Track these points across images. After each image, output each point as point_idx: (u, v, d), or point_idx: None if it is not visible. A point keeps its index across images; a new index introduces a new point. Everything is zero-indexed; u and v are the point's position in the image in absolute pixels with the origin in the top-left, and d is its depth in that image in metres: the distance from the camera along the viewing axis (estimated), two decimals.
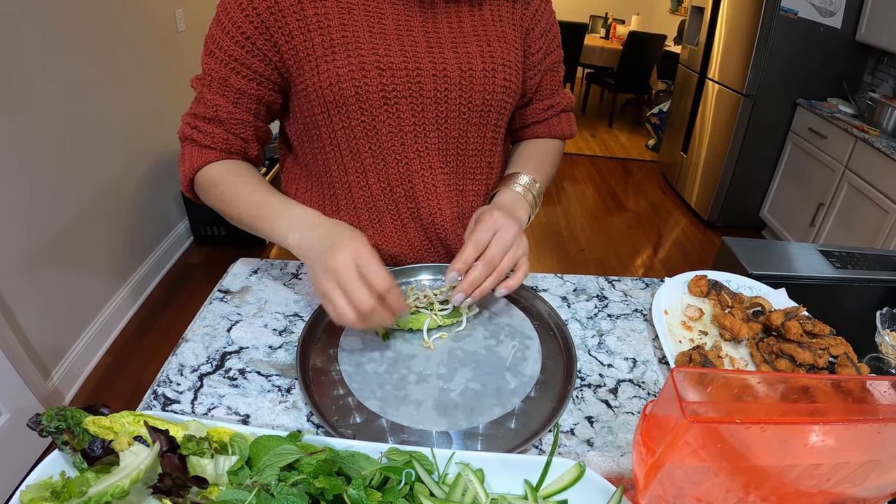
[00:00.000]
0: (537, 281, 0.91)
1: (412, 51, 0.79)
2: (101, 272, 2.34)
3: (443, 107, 0.83)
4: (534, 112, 0.98)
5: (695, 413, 0.41)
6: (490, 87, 0.84)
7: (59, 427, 0.49)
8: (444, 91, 0.81)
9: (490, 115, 0.87)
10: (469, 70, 0.82)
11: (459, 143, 0.87)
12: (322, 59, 0.77)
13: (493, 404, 0.65)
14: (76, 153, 2.14)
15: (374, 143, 0.83)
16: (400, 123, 0.82)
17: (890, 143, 2.56)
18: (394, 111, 0.81)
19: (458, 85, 0.82)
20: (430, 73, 0.80)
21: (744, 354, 0.76)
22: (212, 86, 0.82)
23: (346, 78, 0.77)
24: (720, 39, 3.56)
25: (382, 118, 0.81)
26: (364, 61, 0.77)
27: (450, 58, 0.81)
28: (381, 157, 0.85)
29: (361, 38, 0.77)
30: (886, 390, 0.47)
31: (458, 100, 0.83)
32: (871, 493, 0.48)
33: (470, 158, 0.90)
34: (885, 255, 1.20)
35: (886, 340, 0.81)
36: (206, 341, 0.75)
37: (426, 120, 0.83)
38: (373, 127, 0.82)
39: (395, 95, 0.80)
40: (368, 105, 0.79)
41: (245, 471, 0.48)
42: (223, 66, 0.80)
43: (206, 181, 0.84)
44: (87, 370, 2.21)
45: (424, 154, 0.86)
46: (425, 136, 0.84)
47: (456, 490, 0.50)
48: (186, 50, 3.00)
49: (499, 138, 0.92)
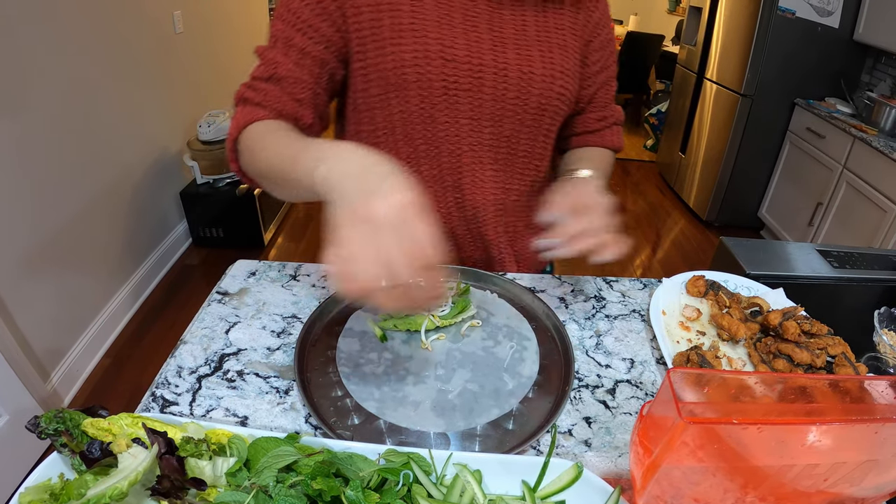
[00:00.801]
0: (535, 282, 0.92)
1: (476, 46, 0.81)
2: (100, 274, 2.34)
3: (500, 105, 0.84)
4: (586, 121, 1.00)
5: (692, 413, 0.41)
6: (547, 92, 0.85)
7: (57, 429, 0.49)
8: (502, 89, 0.83)
9: (544, 119, 0.89)
10: (529, 72, 0.84)
11: (511, 142, 0.89)
12: (389, 41, 0.79)
13: (491, 405, 0.65)
14: (75, 154, 2.14)
15: (430, 130, 0.85)
16: (457, 115, 0.84)
17: (888, 142, 2.56)
18: (453, 102, 0.82)
19: (516, 85, 0.84)
20: (491, 71, 0.82)
21: (741, 354, 0.76)
22: (276, 46, 0.80)
23: (410, 63, 0.79)
24: (718, 39, 3.56)
25: (441, 107, 0.83)
26: (429, 50, 0.79)
27: (511, 58, 0.83)
28: (436, 146, 0.86)
29: (429, 27, 0.79)
30: (884, 390, 0.47)
31: (515, 100, 0.84)
32: (869, 492, 0.48)
33: (519, 159, 0.92)
34: (884, 255, 1.20)
35: (884, 340, 0.81)
36: (205, 343, 0.75)
37: (483, 115, 0.85)
38: (431, 115, 0.83)
39: (455, 87, 0.81)
40: (429, 93, 0.81)
41: (243, 472, 0.48)
42: (290, 27, 0.79)
43: (247, 138, 0.78)
44: (86, 372, 2.21)
45: (477, 148, 0.87)
46: (480, 131, 0.86)
47: (454, 491, 0.50)
48: (185, 51, 3.00)
49: (549, 143, 0.94)
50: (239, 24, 3.76)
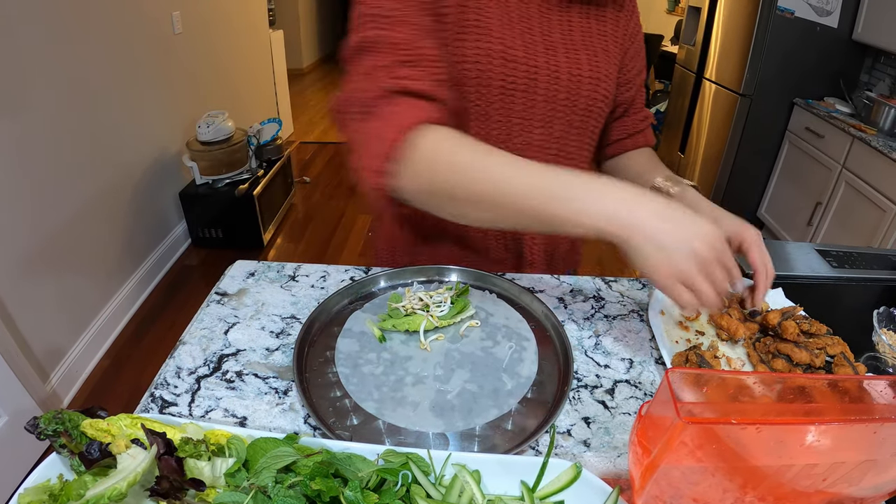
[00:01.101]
0: (534, 282, 0.92)
1: (532, 48, 0.82)
2: (100, 274, 2.34)
3: (551, 106, 0.85)
4: (633, 122, 1.02)
5: (690, 413, 0.41)
6: (594, 94, 0.87)
7: (56, 430, 0.49)
8: (554, 91, 0.84)
9: (590, 121, 0.90)
10: (578, 75, 0.85)
11: (561, 143, 0.90)
12: (452, 36, 0.78)
13: (490, 405, 0.65)
14: (74, 155, 2.14)
15: (484, 128, 0.85)
16: (510, 115, 0.84)
17: (887, 141, 2.56)
18: (508, 102, 0.83)
19: (566, 87, 0.84)
20: (545, 72, 0.82)
21: (740, 354, 0.76)
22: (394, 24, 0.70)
23: (471, 61, 0.78)
24: (717, 39, 3.56)
25: (496, 106, 0.83)
26: (491, 49, 0.79)
27: (562, 61, 0.84)
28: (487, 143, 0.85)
29: (492, 26, 0.79)
30: (883, 389, 0.47)
31: (565, 101, 0.85)
32: (867, 492, 0.48)
33: (567, 161, 0.92)
34: (883, 255, 1.20)
35: (883, 340, 0.81)
36: (204, 344, 0.75)
37: (534, 116, 0.85)
38: (486, 113, 0.83)
39: (512, 88, 0.81)
40: (487, 91, 0.81)
41: (242, 473, 0.48)
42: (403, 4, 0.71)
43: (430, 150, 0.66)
44: (85, 373, 2.21)
45: (527, 148, 0.88)
46: (531, 131, 0.87)
47: (452, 491, 0.50)
48: (184, 52, 3.00)
49: (593, 146, 0.96)
50: (238, 25, 3.76)
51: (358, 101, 0.70)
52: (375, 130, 0.67)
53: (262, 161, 3.25)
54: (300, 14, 7.09)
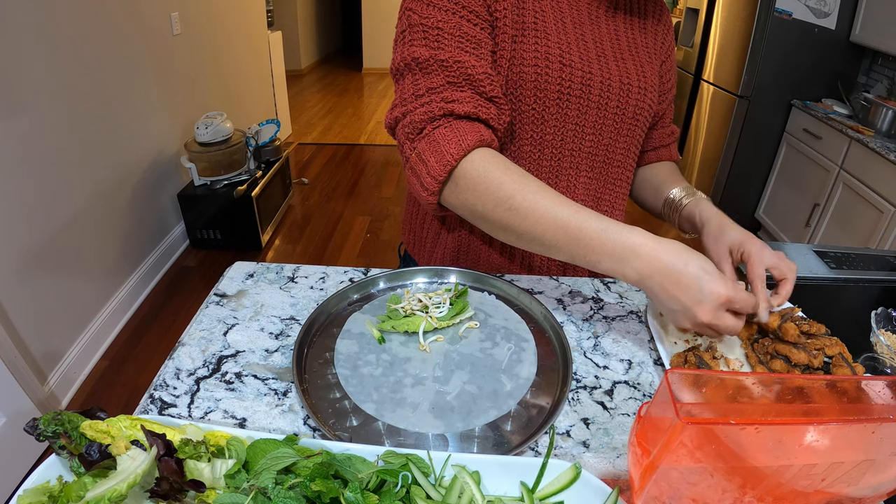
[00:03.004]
0: (533, 283, 0.92)
1: (585, 55, 0.82)
2: (98, 276, 2.34)
3: (602, 112, 0.85)
4: (661, 136, 1.03)
5: (690, 414, 0.41)
6: (641, 103, 0.88)
7: (56, 431, 0.49)
8: (606, 98, 0.84)
9: (636, 130, 0.91)
10: (627, 83, 0.85)
11: (609, 150, 0.90)
12: (511, 37, 0.78)
13: (489, 406, 0.66)
14: (72, 156, 2.14)
15: (538, 132, 0.85)
16: (564, 120, 0.84)
17: (884, 143, 2.57)
18: (563, 107, 0.83)
19: (617, 95, 0.85)
20: (598, 80, 0.83)
21: (739, 355, 0.76)
22: (442, 41, 0.72)
23: (529, 63, 0.78)
24: (715, 41, 3.57)
25: (552, 111, 0.83)
26: (550, 52, 0.79)
27: (613, 69, 0.84)
28: (539, 148, 0.86)
29: (549, 29, 0.79)
30: (881, 390, 0.47)
31: (615, 109, 0.86)
32: (866, 492, 0.49)
33: (614, 168, 0.93)
34: (881, 255, 1.20)
35: (881, 340, 0.81)
36: (203, 345, 0.75)
37: (587, 122, 0.85)
38: (541, 117, 0.83)
39: (568, 93, 0.81)
40: (544, 95, 0.81)
41: (242, 474, 0.48)
42: (453, 15, 0.72)
43: (477, 178, 0.71)
44: (84, 374, 2.21)
45: (577, 154, 0.88)
46: (582, 137, 0.87)
47: (452, 492, 0.50)
48: (182, 53, 3.00)
49: (637, 154, 0.97)
50: (236, 26, 3.76)
51: (409, 122, 0.74)
52: (426, 154, 0.73)
53: (261, 162, 3.25)
54: (299, 15, 7.10)
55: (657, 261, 0.66)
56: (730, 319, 0.65)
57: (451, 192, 0.74)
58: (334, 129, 5.54)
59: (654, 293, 0.67)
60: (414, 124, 0.74)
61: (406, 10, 0.76)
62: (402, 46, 0.76)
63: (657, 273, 0.66)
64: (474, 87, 0.74)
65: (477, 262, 0.97)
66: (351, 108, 6.32)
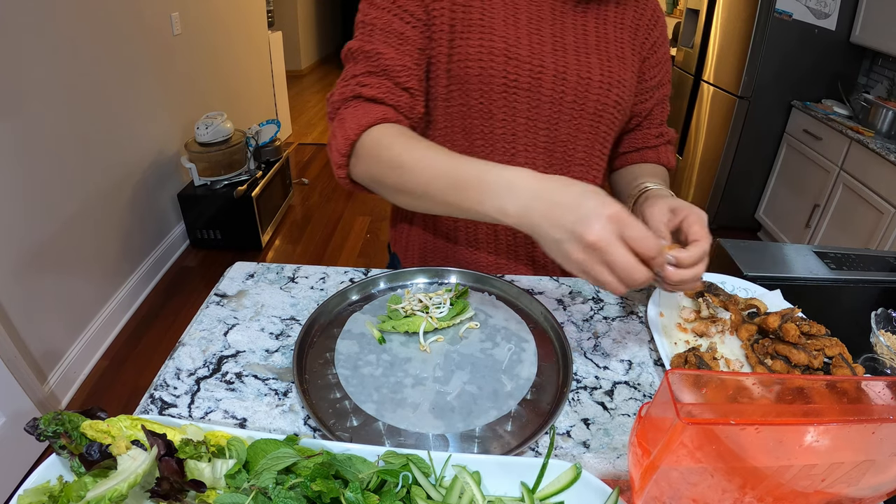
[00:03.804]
0: (533, 284, 0.92)
1: (538, 48, 0.82)
2: (97, 276, 2.34)
3: (557, 107, 0.85)
4: (646, 137, 1.01)
5: (690, 414, 0.41)
6: (603, 99, 0.86)
7: (56, 431, 0.49)
8: (560, 92, 0.84)
9: (600, 127, 0.89)
10: (587, 78, 0.85)
11: (568, 147, 0.89)
12: (458, 34, 0.80)
13: (490, 407, 0.66)
14: (72, 156, 2.14)
15: (488, 126, 0.86)
16: (514, 114, 0.85)
17: (885, 144, 2.57)
18: (511, 101, 0.84)
19: (574, 89, 0.84)
20: (551, 73, 0.83)
21: (739, 356, 0.76)
22: (373, 35, 0.80)
23: (474, 58, 0.80)
24: (715, 42, 3.57)
25: (500, 104, 0.84)
26: (494, 47, 0.80)
27: (571, 63, 0.84)
28: (492, 142, 0.87)
29: (496, 25, 0.81)
30: (881, 390, 0.47)
31: (572, 104, 0.85)
32: (866, 492, 0.49)
33: (576, 167, 0.92)
34: (880, 256, 1.20)
35: (881, 341, 0.82)
36: (203, 345, 0.75)
37: (540, 116, 0.85)
38: (489, 111, 0.84)
39: (515, 86, 0.82)
40: (489, 89, 0.82)
41: (242, 474, 0.48)
42: (386, 13, 0.79)
43: (372, 145, 0.75)
44: (84, 374, 2.21)
45: (532, 150, 0.88)
46: (536, 132, 0.87)
47: (453, 493, 0.50)
48: (182, 53, 3.00)
49: (605, 154, 0.95)
50: (237, 26, 3.76)
51: (331, 102, 0.82)
52: (335, 129, 0.79)
53: (261, 162, 3.25)
54: (299, 15, 7.09)
55: (537, 190, 0.62)
56: (627, 254, 0.57)
57: (353, 164, 0.78)
58: None
59: (537, 228, 0.61)
60: (332, 104, 0.81)
61: (358, 11, 0.83)
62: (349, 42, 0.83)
63: (537, 203, 0.61)
64: (390, 76, 0.79)
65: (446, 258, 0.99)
66: None
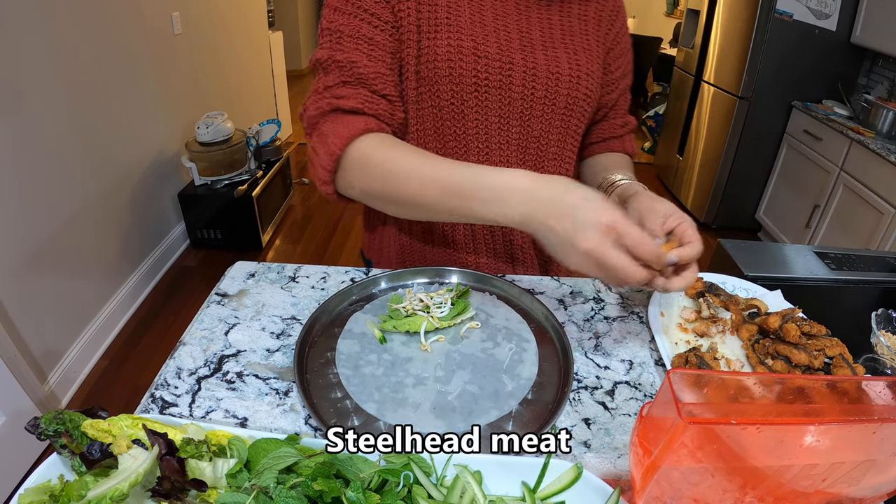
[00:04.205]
0: (534, 284, 0.92)
1: (506, 45, 0.82)
2: (98, 275, 2.34)
3: (528, 103, 0.85)
4: (612, 127, 1.01)
5: (691, 414, 0.41)
6: (574, 93, 0.86)
7: (57, 430, 0.49)
8: (531, 88, 0.84)
9: (571, 120, 0.89)
10: (556, 73, 0.84)
11: (541, 143, 0.89)
12: (425, 35, 0.79)
13: (491, 407, 0.66)
14: (72, 156, 2.14)
15: (460, 126, 0.85)
16: (486, 113, 0.84)
17: (885, 144, 2.57)
18: (483, 99, 0.83)
19: (544, 85, 0.84)
20: (520, 69, 0.82)
21: (740, 356, 0.77)
22: (342, 43, 0.78)
23: (442, 58, 0.79)
24: (716, 42, 3.57)
25: (471, 104, 0.83)
26: (462, 46, 0.79)
27: (539, 58, 0.84)
28: (465, 143, 0.86)
29: (463, 23, 0.80)
30: (882, 391, 0.47)
31: (543, 99, 0.85)
32: (867, 492, 0.49)
33: (549, 161, 0.92)
34: (881, 257, 1.20)
35: (882, 341, 0.82)
36: (204, 345, 0.75)
37: (511, 114, 0.85)
38: (461, 111, 0.83)
39: (486, 84, 0.82)
40: (460, 89, 0.81)
41: (244, 473, 0.48)
42: (353, 18, 0.78)
43: (359, 158, 0.75)
44: (84, 373, 2.21)
45: (505, 147, 0.88)
46: (508, 130, 0.86)
47: (454, 492, 0.50)
48: (183, 52, 3.00)
49: (576, 147, 0.95)
50: (237, 26, 3.76)
51: (308, 117, 0.80)
52: (317, 145, 0.78)
53: (261, 162, 3.25)
54: (299, 15, 7.09)
55: (535, 194, 0.64)
56: (622, 258, 0.60)
57: (341, 178, 0.78)
58: None
59: (539, 232, 0.64)
60: (309, 119, 0.80)
61: (322, 18, 0.81)
62: (315, 50, 0.82)
63: (538, 208, 0.63)
64: (366, 85, 0.78)
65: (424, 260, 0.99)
66: None
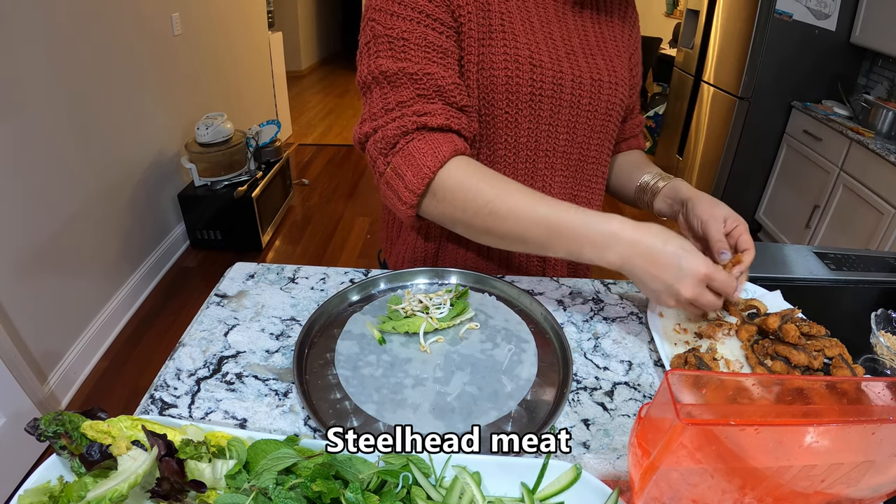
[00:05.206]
0: (534, 284, 0.92)
1: (555, 53, 0.82)
2: (97, 276, 2.34)
3: (575, 110, 0.85)
4: (631, 126, 1.04)
5: (689, 415, 0.41)
6: (613, 99, 0.88)
7: (56, 431, 0.49)
8: (577, 96, 0.84)
9: (609, 125, 0.91)
10: (598, 80, 0.85)
11: (583, 148, 0.90)
12: (479, 41, 0.77)
13: (490, 407, 0.66)
14: (72, 156, 2.14)
15: (512, 135, 0.84)
16: (538, 121, 0.83)
17: (885, 144, 2.57)
18: (536, 108, 0.82)
19: (589, 92, 0.85)
20: (569, 77, 0.82)
21: (739, 357, 0.76)
22: (409, 52, 0.72)
23: (499, 66, 0.77)
24: (715, 42, 3.57)
25: (525, 113, 0.82)
26: (519, 54, 0.78)
27: (583, 66, 0.84)
28: (514, 151, 0.85)
29: (517, 31, 0.78)
30: (881, 391, 0.47)
31: (587, 106, 0.86)
32: (866, 493, 0.49)
33: (589, 165, 0.93)
34: (880, 257, 1.20)
35: (881, 342, 0.82)
36: (204, 346, 0.75)
37: (560, 122, 0.85)
38: (514, 119, 0.82)
39: (540, 93, 0.81)
40: (516, 97, 0.80)
41: (243, 475, 0.48)
42: (418, 25, 0.72)
43: (454, 188, 0.72)
44: (84, 374, 2.20)
45: (551, 154, 0.88)
46: (556, 137, 0.86)
47: (453, 493, 0.50)
48: (183, 53, 3.00)
49: (611, 150, 0.97)
50: (237, 26, 3.77)
51: (381, 137, 0.75)
52: (400, 167, 0.73)
53: (261, 163, 3.25)
54: (299, 16, 7.10)
55: (638, 244, 0.68)
56: (710, 296, 0.69)
57: (429, 204, 0.75)
58: (334, 130, 5.54)
59: (637, 276, 0.70)
60: (387, 139, 0.74)
61: (369, 21, 0.75)
62: (368, 59, 0.76)
63: (639, 256, 0.68)
64: (444, 98, 0.75)
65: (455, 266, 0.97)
66: (351, 109, 6.32)
